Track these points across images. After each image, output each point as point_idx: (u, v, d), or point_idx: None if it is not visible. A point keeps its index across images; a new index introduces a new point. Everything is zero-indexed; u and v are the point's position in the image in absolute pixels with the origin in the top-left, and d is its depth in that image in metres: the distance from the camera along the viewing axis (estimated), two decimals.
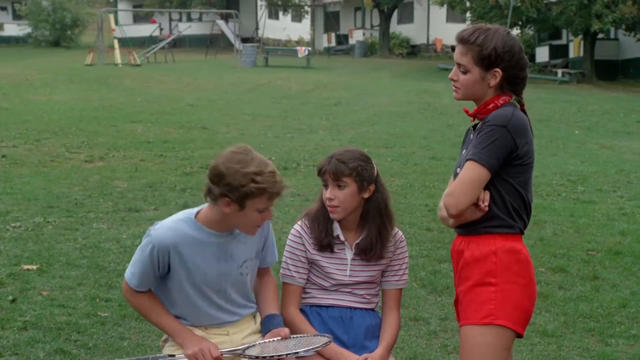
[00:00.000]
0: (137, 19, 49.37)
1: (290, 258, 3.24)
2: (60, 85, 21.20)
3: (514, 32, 34.07)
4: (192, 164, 10.26)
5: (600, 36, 29.56)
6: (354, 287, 3.24)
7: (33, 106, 16.15)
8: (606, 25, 26.05)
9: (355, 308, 3.24)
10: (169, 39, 39.68)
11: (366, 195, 3.17)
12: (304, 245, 3.23)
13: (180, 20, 48.55)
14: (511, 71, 2.85)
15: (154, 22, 46.55)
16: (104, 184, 8.90)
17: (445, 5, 32.45)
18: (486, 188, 2.82)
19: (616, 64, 30.99)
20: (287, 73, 27.62)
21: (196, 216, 2.88)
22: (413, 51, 41.77)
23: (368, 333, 3.23)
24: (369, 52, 41.13)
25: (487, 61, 2.82)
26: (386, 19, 40.84)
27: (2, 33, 47.46)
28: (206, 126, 14.17)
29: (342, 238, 3.21)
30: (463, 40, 2.86)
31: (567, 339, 4.81)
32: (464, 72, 2.87)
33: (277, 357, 2.78)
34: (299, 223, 3.27)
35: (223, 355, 2.84)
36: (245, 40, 40.24)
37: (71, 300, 5.10)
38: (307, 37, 50.29)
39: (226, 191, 2.73)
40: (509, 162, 2.80)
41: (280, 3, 47.01)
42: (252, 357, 2.79)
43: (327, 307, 3.24)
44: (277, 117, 16.00)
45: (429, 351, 4.54)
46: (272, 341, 2.89)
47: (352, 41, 43.28)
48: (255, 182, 2.72)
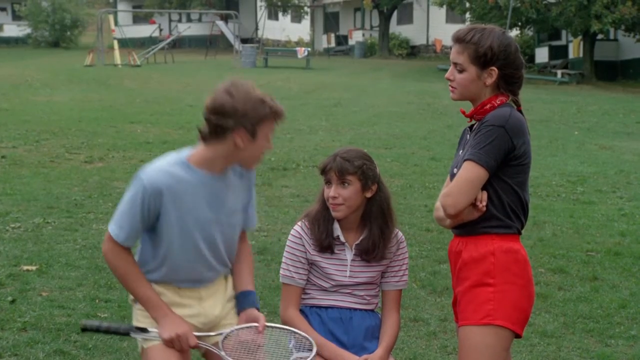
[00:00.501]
0: (137, 20, 49.41)
1: (290, 259, 3.24)
2: (59, 85, 21.21)
3: (514, 33, 33.96)
4: None
5: (599, 37, 29.54)
6: (354, 288, 3.24)
7: (33, 107, 16.15)
8: (605, 26, 26.04)
9: (355, 309, 3.24)
10: (169, 40, 39.72)
11: (369, 194, 3.18)
12: (304, 246, 3.23)
13: (179, 20, 48.55)
14: (507, 70, 2.86)
15: (154, 23, 46.64)
16: (104, 185, 8.90)
17: (444, 6, 32.41)
18: (484, 188, 2.83)
19: (616, 65, 30.97)
20: (287, 74, 27.62)
21: (188, 158, 2.80)
22: (412, 52, 41.78)
23: (368, 334, 3.23)
24: (369, 53, 41.13)
25: (483, 59, 2.83)
26: (386, 20, 40.83)
27: (2, 34, 47.48)
28: None
29: (343, 239, 3.21)
30: (459, 39, 2.88)
31: (567, 340, 4.81)
32: (460, 71, 2.88)
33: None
34: (299, 224, 3.27)
35: (199, 345, 2.78)
36: (244, 40, 40.26)
37: (71, 301, 5.10)
38: (307, 38, 50.28)
39: (241, 121, 2.72)
40: (507, 163, 2.81)
41: (279, 4, 46.99)
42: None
43: (327, 308, 3.24)
44: None
45: (429, 352, 4.55)
46: (247, 327, 2.81)
47: (352, 42, 43.30)
48: (266, 104, 2.76)
